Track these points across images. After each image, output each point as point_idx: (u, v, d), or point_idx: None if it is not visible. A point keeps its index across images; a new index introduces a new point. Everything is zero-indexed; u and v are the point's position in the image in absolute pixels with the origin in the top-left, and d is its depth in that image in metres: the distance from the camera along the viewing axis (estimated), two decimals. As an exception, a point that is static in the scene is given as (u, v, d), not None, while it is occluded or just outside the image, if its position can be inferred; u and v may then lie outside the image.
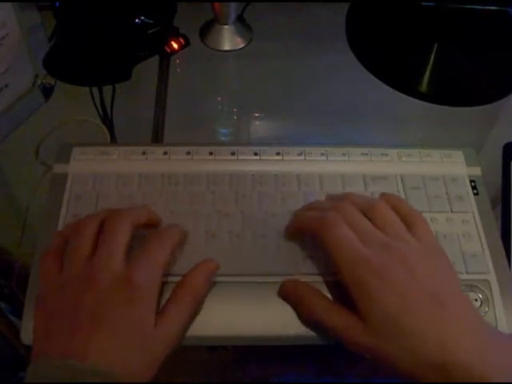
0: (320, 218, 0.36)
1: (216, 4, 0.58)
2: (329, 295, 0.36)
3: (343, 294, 0.34)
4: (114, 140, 0.52)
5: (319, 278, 0.38)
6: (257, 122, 0.56)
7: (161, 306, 0.34)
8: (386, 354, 0.31)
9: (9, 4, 0.46)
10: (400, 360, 0.31)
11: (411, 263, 0.33)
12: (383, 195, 0.40)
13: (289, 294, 0.37)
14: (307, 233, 0.38)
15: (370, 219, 0.36)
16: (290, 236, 0.39)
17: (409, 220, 0.37)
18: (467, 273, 0.39)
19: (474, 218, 0.42)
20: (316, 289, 0.36)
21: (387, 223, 0.36)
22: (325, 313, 0.34)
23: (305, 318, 0.36)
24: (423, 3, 0.57)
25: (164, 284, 0.35)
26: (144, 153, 0.44)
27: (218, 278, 0.38)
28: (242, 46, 0.61)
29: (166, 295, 0.35)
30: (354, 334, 0.32)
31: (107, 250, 0.34)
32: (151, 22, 0.57)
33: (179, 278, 0.36)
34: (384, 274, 0.32)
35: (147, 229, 0.38)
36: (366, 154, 0.45)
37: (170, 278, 0.36)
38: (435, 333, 0.31)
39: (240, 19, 0.61)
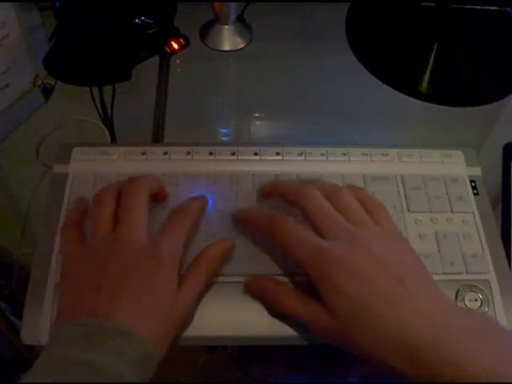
0: (270, 220, 0.36)
1: (216, 4, 0.58)
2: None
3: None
4: (114, 140, 0.52)
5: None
6: (257, 122, 0.56)
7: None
8: (354, 340, 0.32)
9: (9, 4, 0.46)
10: (367, 343, 0.31)
11: (373, 249, 0.33)
12: (346, 185, 0.41)
13: (256, 289, 0.37)
14: (258, 231, 0.38)
15: (332, 205, 0.36)
16: (238, 221, 0.40)
17: (369, 207, 0.38)
18: (467, 273, 0.39)
19: (474, 218, 0.42)
20: (282, 282, 0.37)
21: (349, 209, 0.36)
22: (291, 304, 0.34)
23: (273, 310, 0.36)
24: (423, 3, 0.57)
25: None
26: (144, 153, 0.44)
27: (218, 278, 0.38)
28: (242, 46, 0.61)
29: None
30: (321, 323, 0.33)
31: (129, 223, 0.35)
32: (151, 21, 0.57)
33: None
34: (346, 262, 0.33)
35: (156, 198, 0.39)
36: (367, 154, 0.45)
37: None
38: (398, 313, 0.31)
39: (240, 19, 0.61)
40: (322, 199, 0.36)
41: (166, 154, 0.44)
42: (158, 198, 0.40)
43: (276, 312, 0.36)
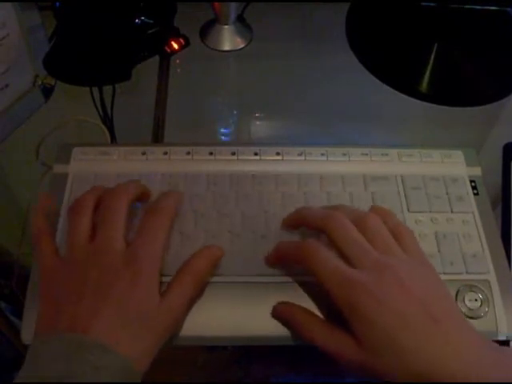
0: (300, 248, 0.36)
1: (216, 4, 0.58)
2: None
3: None
4: (114, 140, 0.52)
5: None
6: (257, 122, 0.56)
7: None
8: (382, 372, 0.31)
9: (9, 4, 0.46)
10: (396, 376, 0.31)
11: (404, 279, 0.33)
12: (373, 208, 0.40)
13: (280, 314, 0.37)
14: (290, 262, 0.37)
15: (360, 231, 0.36)
16: (272, 264, 0.38)
17: (396, 232, 0.37)
18: (467, 273, 0.39)
19: (474, 218, 0.42)
20: (308, 310, 0.36)
21: (377, 236, 0.35)
22: (320, 337, 0.34)
23: (302, 339, 0.36)
24: (423, 3, 0.57)
25: (161, 284, 0.35)
26: (144, 153, 0.44)
27: (218, 278, 0.38)
28: (242, 46, 0.61)
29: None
30: (349, 354, 0.32)
31: (108, 233, 0.34)
32: (151, 22, 0.57)
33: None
34: (377, 292, 0.32)
35: (139, 201, 0.39)
36: (367, 154, 0.45)
37: (168, 279, 0.36)
38: (429, 349, 0.31)
39: (240, 19, 0.61)
40: (349, 226, 0.35)
41: (166, 154, 0.44)
42: (142, 199, 0.39)
43: (303, 340, 0.35)
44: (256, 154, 0.44)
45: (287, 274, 0.38)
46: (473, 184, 0.44)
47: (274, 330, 0.36)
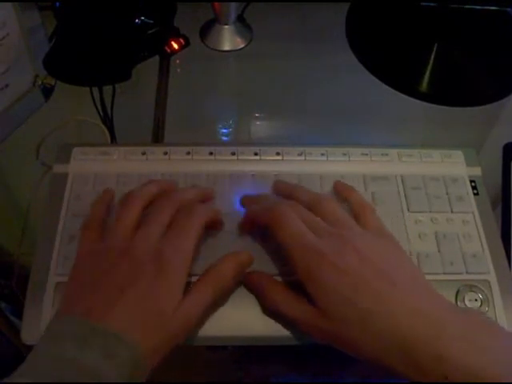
0: (270, 210, 0.36)
1: (216, 4, 0.58)
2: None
3: None
4: (114, 140, 0.52)
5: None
6: (257, 122, 0.56)
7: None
8: (346, 339, 0.32)
9: (9, 4, 0.46)
10: (359, 343, 0.31)
11: (361, 249, 0.34)
12: (335, 186, 0.42)
13: (252, 286, 0.37)
14: (259, 225, 0.38)
15: (316, 215, 0.37)
16: (243, 231, 0.39)
17: (356, 209, 0.38)
18: (467, 273, 0.39)
19: (474, 218, 0.42)
20: (277, 281, 0.37)
21: (332, 217, 0.37)
22: (284, 304, 0.35)
23: (267, 309, 0.36)
24: (423, 3, 0.57)
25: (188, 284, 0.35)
26: (144, 153, 0.44)
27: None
28: (242, 46, 0.61)
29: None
30: (313, 323, 0.33)
31: (150, 230, 0.35)
32: (151, 22, 0.57)
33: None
34: (336, 261, 0.33)
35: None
36: (367, 154, 0.45)
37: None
38: (389, 312, 0.31)
39: (240, 19, 0.61)
40: (303, 210, 0.37)
41: (166, 154, 0.44)
42: (213, 227, 0.39)
43: (272, 313, 0.36)
44: (256, 154, 0.44)
45: (287, 273, 0.38)
46: (473, 184, 0.44)
47: (274, 330, 0.36)
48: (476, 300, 0.38)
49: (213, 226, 0.39)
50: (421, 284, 0.34)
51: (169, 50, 0.58)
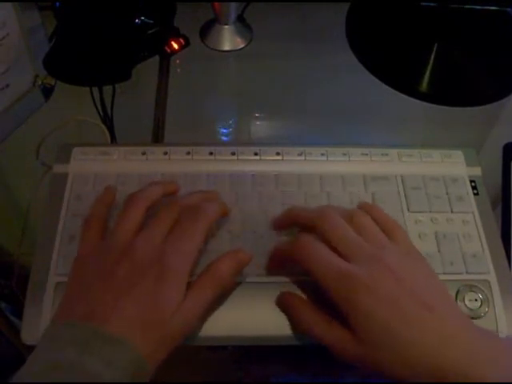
0: (295, 246, 0.36)
1: (216, 4, 0.58)
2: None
3: None
4: (114, 140, 0.52)
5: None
6: (257, 122, 0.56)
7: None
8: (381, 364, 0.32)
9: (9, 4, 0.46)
10: (394, 368, 0.31)
11: (396, 271, 0.33)
12: (360, 204, 0.41)
13: (284, 306, 0.37)
14: (289, 263, 0.37)
15: (350, 227, 0.36)
16: (274, 269, 0.38)
17: (385, 226, 0.37)
18: (467, 273, 0.39)
19: (474, 218, 0.42)
20: (309, 302, 0.36)
21: (367, 230, 0.36)
22: (318, 327, 0.34)
23: (299, 330, 0.36)
24: (423, 3, 0.57)
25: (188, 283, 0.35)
26: (144, 153, 0.44)
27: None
28: (242, 46, 0.61)
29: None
30: (347, 348, 0.33)
31: (152, 232, 0.34)
32: (151, 22, 0.57)
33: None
34: (371, 286, 0.32)
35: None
36: (367, 154, 0.45)
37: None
38: (426, 338, 0.31)
39: (240, 19, 0.61)
40: (341, 223, 0.36)
41: (166, 154, 0.44)
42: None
43: (301, 331, 0.36)
44: (256, 154, 0.44)
45: (287, 273, 0.38)
46: (473, 184, 0.44)
47: (274, 330, 0.36)
48: (476, 300, 0.38)
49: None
50: (452, 306, 0.34)
51: (169, 50, 0.58)
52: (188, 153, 0.44)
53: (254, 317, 0.37)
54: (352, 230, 0.36)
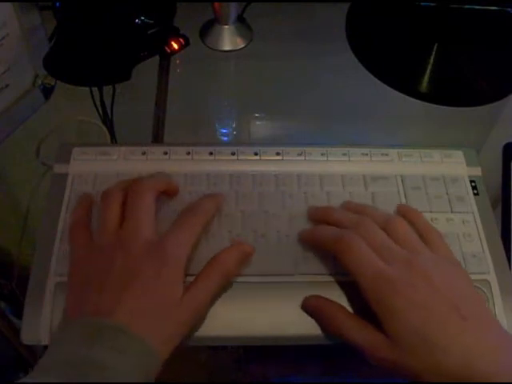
0: (338, 238, 0.36)
1: (216, 4, 0.58)
2: (332, 294, 0.37)
3: (351, 295, 0.36)
4: (114, 140, 0.52)
5: (319, 278, 0.38)
6: (257, 122, 0.56)
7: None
8: (411, 368, 0.32)
9: (9, 4, 0.46)
10: (424, 373, 0.31)
11: (432, 277, 0.33)
12: (400, 208, 0.41)
13: (313, 311, 0.37)
14: (324, 249, 0.38)
15: (387, 234, 0.36)
16: (304, 242, 0.39)
17: (424, 232, 0.38)
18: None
19: (474, 218, 0.42)
20: (341, 305, 0.36)
21: (405, 238, 0.36)
22: (352, 331, 0.34)
23: (330, 333, 0.36)
24: (423, 3, 0.57)
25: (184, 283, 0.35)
26: (144, 153, 0.44)
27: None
28: (242, 46, 0.61)
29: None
30: (380, 351, 0.32)
31: (135, 222, 0.35)
32: (151, 22, 0.57)
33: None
34: (406, 289, 0.32)
35: (168, 197, 0.40)
36: (367, 154, 0.45)
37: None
38: (459, 346, 0.31)
39: (240, 19, 0.61)
40: (376, 228, 0.36)
41: (166, 153, 0.44)
42: (168, 193, 0.40)
43: (333, 334, 0.36)
44: (256, 154, 0.44)
45: (287, 273, 0.38)
46: (473, 184, 0.44)
47: (274, 330, 0.36)
48: (476, 300, 0.38)
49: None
50: (487, 317, 0.34)
51: (169, 50, 0.58)
52: (188, 153, 0.44)
53: (254, 317, 0.37)
54: (389, 238, 0.36)
